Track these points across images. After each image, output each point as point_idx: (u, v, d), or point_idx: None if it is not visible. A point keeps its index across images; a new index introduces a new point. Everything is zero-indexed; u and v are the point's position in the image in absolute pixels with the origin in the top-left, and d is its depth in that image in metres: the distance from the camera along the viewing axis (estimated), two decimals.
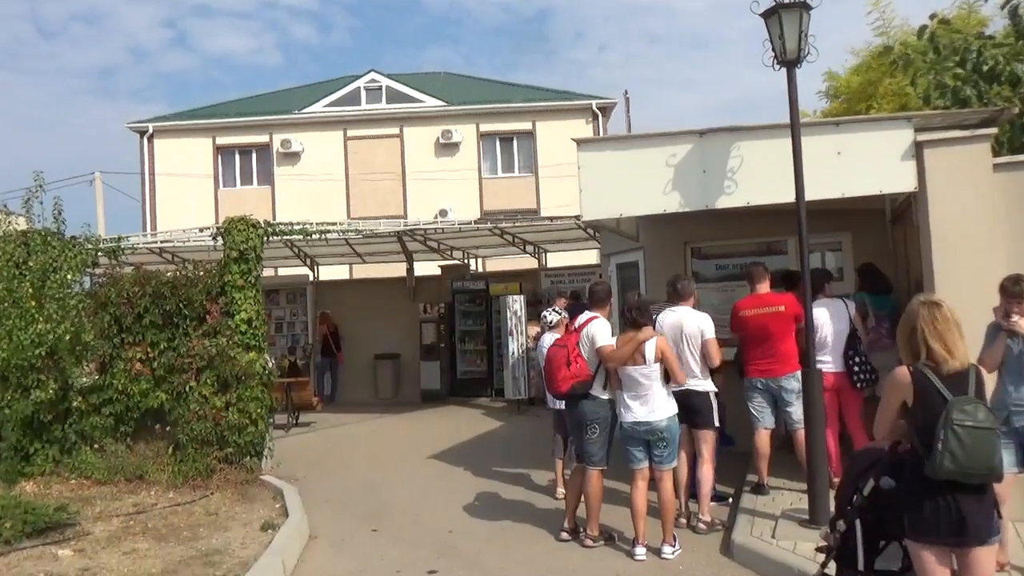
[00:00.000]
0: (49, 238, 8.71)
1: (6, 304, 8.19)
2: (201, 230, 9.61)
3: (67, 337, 8.03)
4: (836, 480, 5.99)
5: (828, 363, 6.47)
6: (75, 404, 8.46)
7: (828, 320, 6.54)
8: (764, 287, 6.72)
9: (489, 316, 14.94)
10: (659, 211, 6.63)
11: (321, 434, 11.92)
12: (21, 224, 9.12)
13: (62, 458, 8.38)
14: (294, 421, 12.47)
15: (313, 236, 9.72)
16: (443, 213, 24.31)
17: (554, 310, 7.47)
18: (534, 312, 13.46)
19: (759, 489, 6.67)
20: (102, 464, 8.19)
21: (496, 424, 12.08)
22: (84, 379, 8.68)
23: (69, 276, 8.41)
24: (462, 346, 15.29)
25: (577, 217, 11.57)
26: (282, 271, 20.30)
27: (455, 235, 14.34)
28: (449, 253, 16.42)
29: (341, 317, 15.86)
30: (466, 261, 16.89)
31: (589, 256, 19.15)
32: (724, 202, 6.43)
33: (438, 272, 16.29)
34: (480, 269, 18.72)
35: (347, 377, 15.63)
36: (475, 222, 12.47)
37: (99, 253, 9.12)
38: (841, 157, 6.25)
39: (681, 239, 8.62)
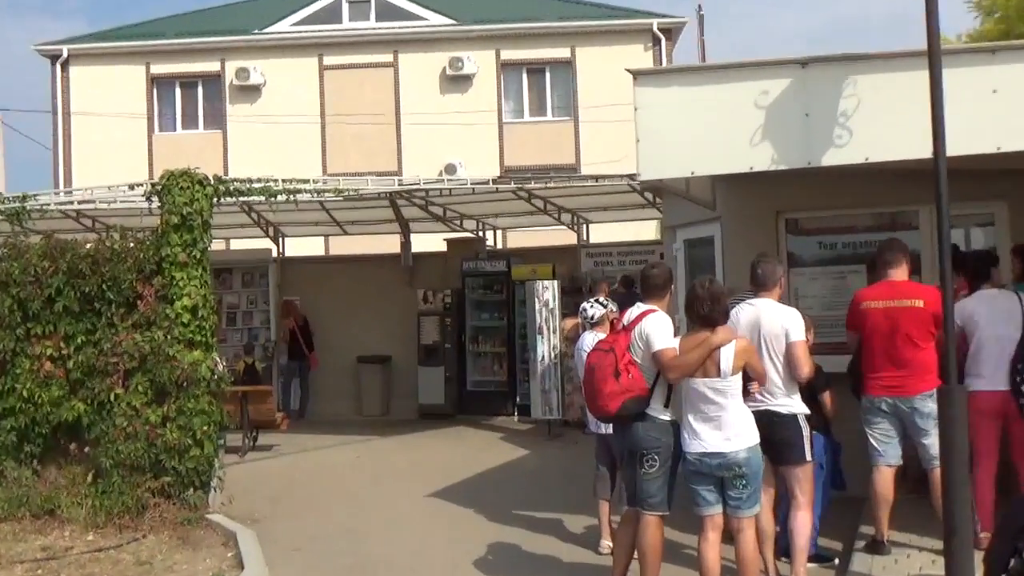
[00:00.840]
0: None
1: None
2: (131, 187, 9.65)
3: None
4: (985, 536, 5.94)
5: (984, 379, 6.36)
6: None
7: (988, 319, 6.42)
8: (900, 272, 6.50)
9: (511, 308, 15.00)
10: (744, 169, 6.60)
11: (287, 461, 12.03)
12: None
13: None
14: (251, 443, 12.62)
15: (278, 197, 9.76)
16: (451, 169, 24.39)
17: (598, 301, 7.47)
18: (571, 303, 13.48)
19: (877, 547, 6.59)
20: (1, 495, 8.33)
21: (519, 453, 12.13)
22: None
23: None
24: (475, 347, 15.37)
25: (631, 176, 11.66)
26: (236, 244, 20.48)
27: (467, 198, 14.38)
28: (459, 223, 16.49)
29: (313, 307, 16.02)
30: (481, 234, 16.95)
31: (646, 229, 19.15)
32: (833, 157, 6.38)
33: (443, 248, 16.37)
34: (499, 245, 18.80)
35: (321, 386, 15.81)
36: (493, 181, 12.49)
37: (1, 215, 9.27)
38: (997, 97, 6.14)
39: (772, 207, 8.57)
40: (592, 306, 7.42)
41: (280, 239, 16.86)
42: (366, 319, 15.94)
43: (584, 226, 16.34)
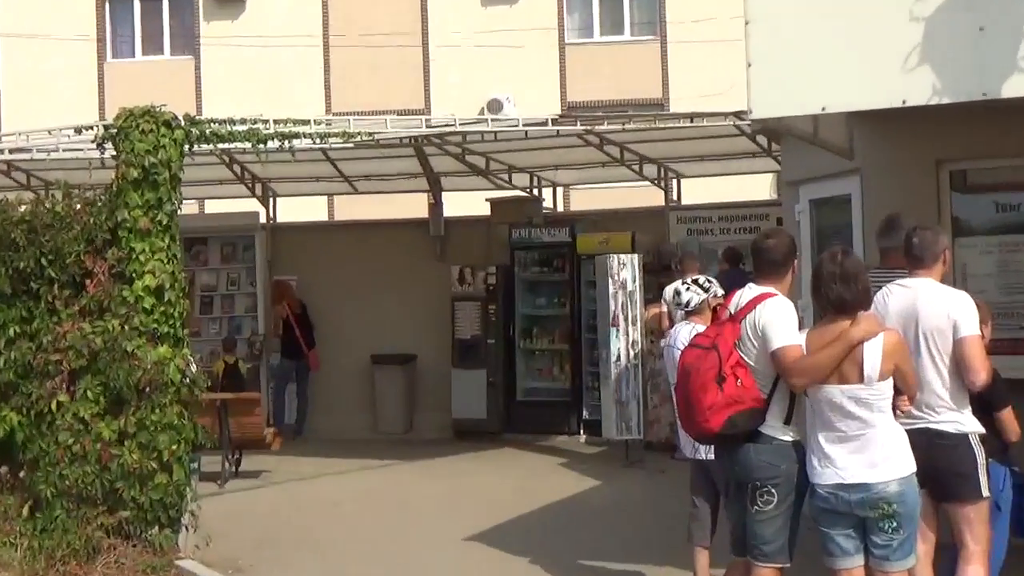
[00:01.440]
0: None
1: None
2: (77, 131, 9.74)
3: None
4: None
5: None
6: None
7: None
8: None
9: (575, 290, 15.00)
10: (894, 104, 6.52)
11: (279, 493, 12.12)
12: None
13: None
14: (233, 468, 12.77)
15: (269, 144, 9.81)
16: (495, 106, 24.42)
17: (695, 283, 7.44)
18: (656, 285, 13.41)
19: None
20: None
21: (586, 484, 12.13)
22: None
23: None
24: (527, 343, 15.40)
25: (739, 115, 11.58)
26: (214, 206, 20.73)
27: (517, 145, 14.36)
28: (506, 178, 16.50)
29: (314, 289, 16.15)
30: (536, 192, 16.96)
31: (758, 185, 19.01)
32: (1018, 86, 6.29)
33: (486, 211, 16.40)
34: (560, 206, 18.77)
35: (324, 394, 15.96)
36: (553, 122, 12.44)
37: None
38: None
39: (931, 155, 8.46)
40: (688, 288, 7.38)
41: (271, 199, 17.02)
42: (383, 306, 16.04)
43: (674, 182, 16.26)
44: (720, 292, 7.23)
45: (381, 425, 15.90)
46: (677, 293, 7.49)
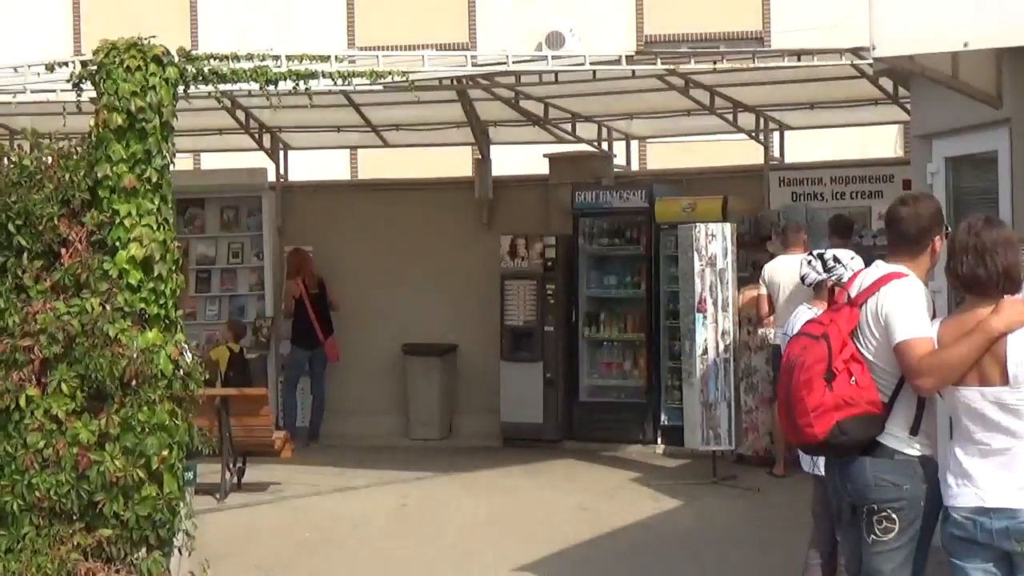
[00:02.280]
0: None
1: None
2: (49, 68, 9.81)
3: None
4: None
5: None
6: None
7: None
8: None
9: (653, 268, 15.00)
10: None
11: (290, 509, 12.25)
12: None
13: None
14: (236, 479, 12.92)
15: (280, 85, 9.85)
16: (555, 41, 24.36)
17: (819, 257, 7.45)
18: (752, 262, 13.36)
19: None
20: None
21: (665, 504, 12.17)
22: None
23: None
24: (593, 331, 15.43)
25: (858, 52, 11.48)
26: (211, 161, 20.86)
27: (583, 88, 14.36)
28: (569, 129, 16.49)
29: (333, 263, 16.26)
30: (606, 147, 16.93)
31: (880, 140, 18.83)
32: None
33: (544, 169, 16.40)
34: (635, 164, 18.73)
35: (344, 391, 16.09)
36: (628, 60, 12.41)
37: None
38: None
39: None
40: (810, 263, 7.43)
41: (281, 153, 17.14)
42: (417, 284, 16.14)
43: (776, 135, 16.21)
44: (847, 274, 7.17)
45: (414, 429, 16.01)
46: (807, 263, 7.57)
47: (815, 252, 7.75)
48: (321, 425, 15.91)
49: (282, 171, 17.12)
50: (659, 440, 14.83)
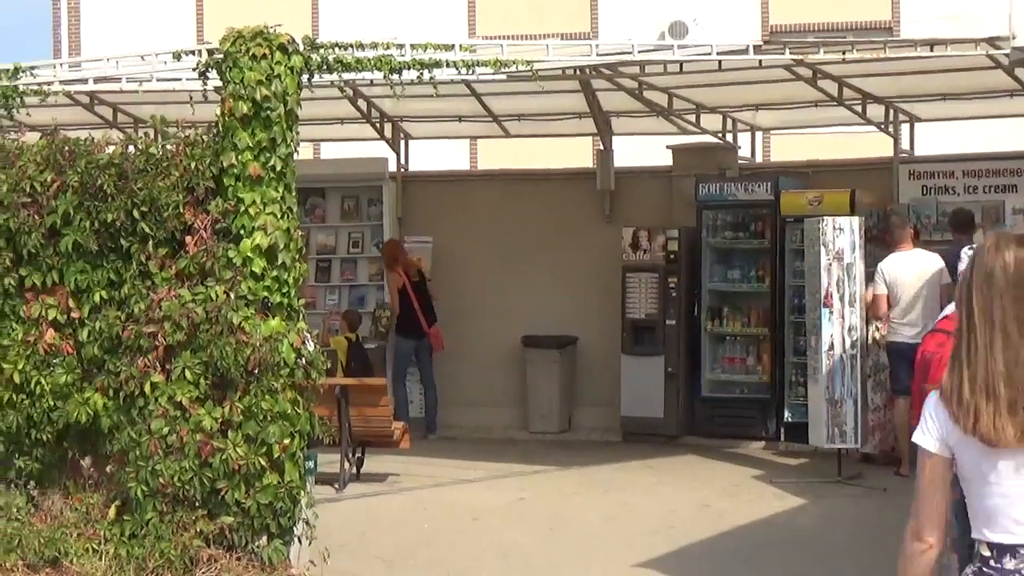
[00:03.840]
0: None
1: None
2: (176, 56, 9.95)
3: None
4: None
5: None
6: None
7: None
8: None
9: (778, 261, 14.86)
10: None
11: (409, 501, 12.34)
12: None
13: None
14: (354, 469, 13.02)
15: (403, 75, 9.89)
16: (678, 30, 24.27)
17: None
18: (876, 255, 13.16)
19: None
20: None
21: (788, 503, 12.07)
22: None
23: None
24: (716, 326, 15.35)
25: (994, 42, 11.22)
26: (331, 151, 21.02)
27: (708, 78, 14.24)
28: (693, 119, 16.39)
29: (452, 254, 16.34)
30: (731, 139, 16.80)
31: (1014, 132, 18.42)
32: None
33: (667, 161, 16.32)
34: (759, 156, 18.56)
35: (462, 383, 16.14)
36: (756, 50, 12.29)
37: None
38: None
39: None
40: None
41: (402, 142, 17.21)
42: (538, 276, 16.12)
43: (906, 127, 15.95)
44: None
45: (533, 422, 15.99)
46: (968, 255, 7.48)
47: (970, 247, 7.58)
48: (435, 416, 15.91)
49: (403, 161, 17.17)
50: (782, 437, 14.65)
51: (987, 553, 3.72)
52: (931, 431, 3.77)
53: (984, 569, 3.71)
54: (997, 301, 3.63)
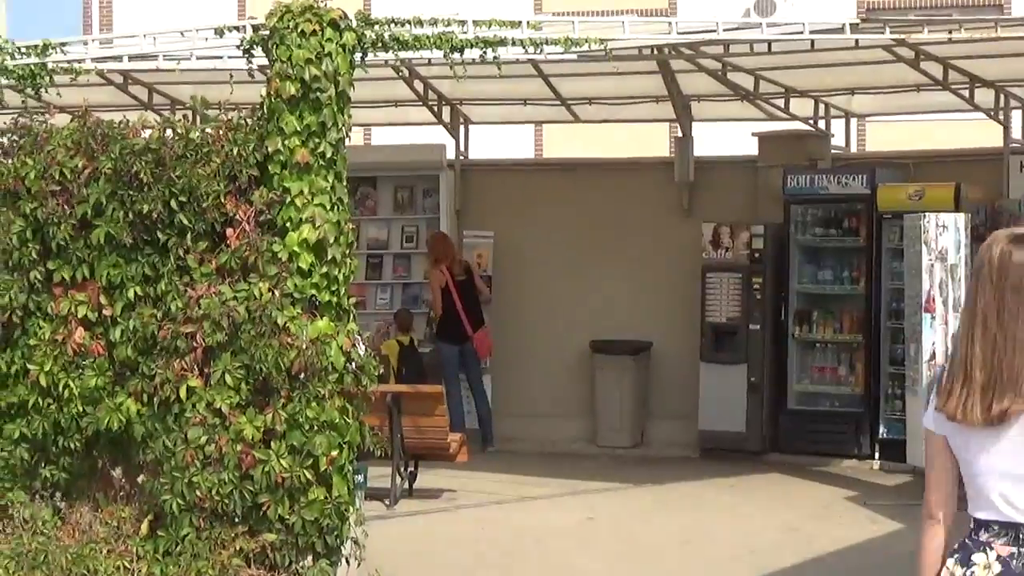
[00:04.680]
0: None
1: None
2: (218, 32, 9.96)
3: None
4: None
5: None
6: None
7: None
8: None
9: (874, 262, 14.78)
10: None
11: (467, 519, 12.35)
12: None
13: None
14: (407, 484, 13.03)
15: (465, 52, 9.88)
16: (765, 7, 24.13)
17: None
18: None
19: None
20: (6, 547, 8.82)
21: (884, 527, 12.00)
22: None
23: None
24: (804, 331, 15.26)
25: None
26: (383, 136, 21.03)
27: (798, 59, 14.14)
28: (781, 104, 16.29)
29: (515, 250, 16.34)
30: (823, 126, 16.68)
31: None
32: None
33: (752, 150, 16.30)
34: (854, 145, 18.43)
35: (525, 392, 16.16)
36: (852, 28, 12.18)
37: (5, 77, 9.82)
38: None
39: None
40: None
41: (462, 127, 17.21)
42: (609, 275, 16.11)
43: (1017, 113, 15.85)
44: None
45: (602, 436, 15.98)
46: None
47: None
48: (491, 427, 15.88)
49: (462, 147, 17.18)
50: (876, 455, 14.59)
51: (971, 526, 4.18)
52: (928, 411, 4.25)
53: (966, 541, 4.17)
54: (980, 291, 4.11)
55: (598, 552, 11.19)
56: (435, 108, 16.81)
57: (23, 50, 9.99)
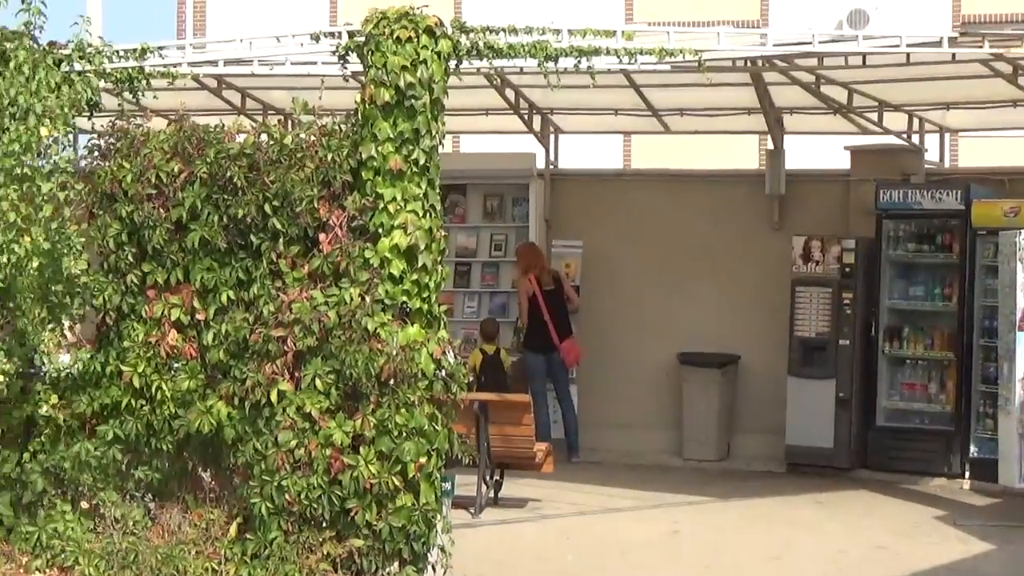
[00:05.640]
0: (10, 43, 9.51)
1: None
2: (314, 38, 9.94)
3: (34, 263, 8.86)
4: None
5: None
6: (44, 410, 9.40)
7: None
8: None
9: (967, 279, 14.64)
10: None
11: (552, 529, 12.35)
12: None
13: (17, 522, 9.32)
14: (492, 493, 13.06)
15: (559, 62, 9.84)
16: (857, 19, 24.03)
17: None
18: None
19: None
20: (97, 546, 9.00)
21: (974, 548, 11.89)
22: (62, 357, 9.56)
23: (45, 129, 9.14)
24: (895, 348, 15.16)
25: None
26: (471, 144, 21.08)
27: (891, 72, 13.99)
28: (874, 118, 16.17)
29: (603, 260, 16.34)
30: (917, 140, 16.55)
31: None
32: None
33: (844, 164, 16.21)
34: (947, 161, 18.26)
35: (610, 403, 16.15)
36: (950, 42, 12.04)
37: (103, 80, 9.91)
38: None
39: None
40: None
41: (552, 136, 17.23)
42: (697, 287, 16.08)
43: None
44: None
45: (688, 448, 15.92)
46: None
47: None
48: (576, 437, 15.84)
49: (552, 156, 17.18)
50: (966, 474, 14.44)
51: None
52: None
53: None
54: None
55: (683, 566, 11.18)
56: (526, 117, 16.81)
57: (121, 53, 10.07)
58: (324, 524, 8.76)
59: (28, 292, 9.03)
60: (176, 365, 9.25)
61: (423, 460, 8.77)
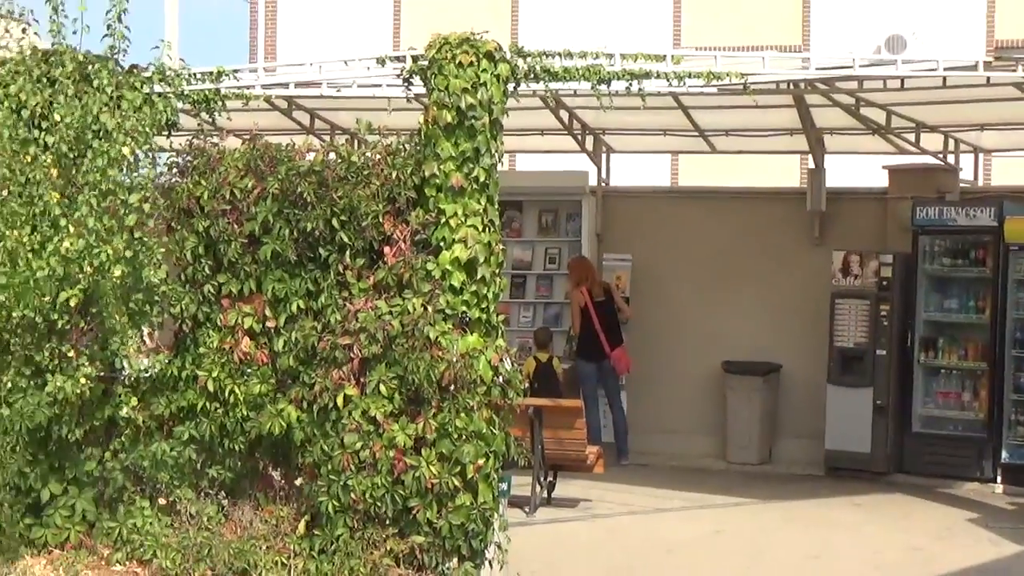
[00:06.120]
0: (94, 66, 9.68)
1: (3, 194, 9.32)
2: (380, 61, 10.03)
3: (117, 271, 9.00)
4: None
5: None
6: (124, 412, 9.52)
7: None
8: None
9: (1000, 292, 14.54)
10: None
11: (602, 528, 12.34)
12: (35, 39, 10.29)
13: (99, 518, 9.47)
14: (546, 493, 13.07)
15: (612, 85, 9.85)
16: (895, 44, 23.89)
17: None
18: None
19: None
20: (173, 540, 9.13)
21: (1006, 550, 11.80)
22: (142, 361, 9.67)
23: (127, 148, 9.33)
24: (930, 358, 15.06)
25: None
26: (528, 162, 21.11)
27: (928, 95, 13.91)
28: (912, 138, 16.08)
29: (651, 273, 16.34)
30: (952, 160, 16.46)
31: None
32: None
33: (882, 182, 16.11)
34: (981, 179, 18.14)
35: (657, 409, 16.13)
36: (986, 66, 11.97)
37: (182, 101, 10.03)
38: None
39: None
40: None
41: (603, 155, 17.24)
42: (741, 299, 16.04)
43: None
44: None
45: (731, 452, 15.89)
46: None
47: None
48: (627, 441, 15.83)
49: (603, 175, 17.18)
50: (999, 479, 14.34)
51: None
52: None
53: None
54: None
55: (726, 564, 11.15)
56: (579, 137, 16.82)
57: (198, 76, 10.19)
58: (387, 522, 8.83)
59: (111, 299, 9.15)
60: (248, 370, 9.36)
61: (481, 462, 8.82)
